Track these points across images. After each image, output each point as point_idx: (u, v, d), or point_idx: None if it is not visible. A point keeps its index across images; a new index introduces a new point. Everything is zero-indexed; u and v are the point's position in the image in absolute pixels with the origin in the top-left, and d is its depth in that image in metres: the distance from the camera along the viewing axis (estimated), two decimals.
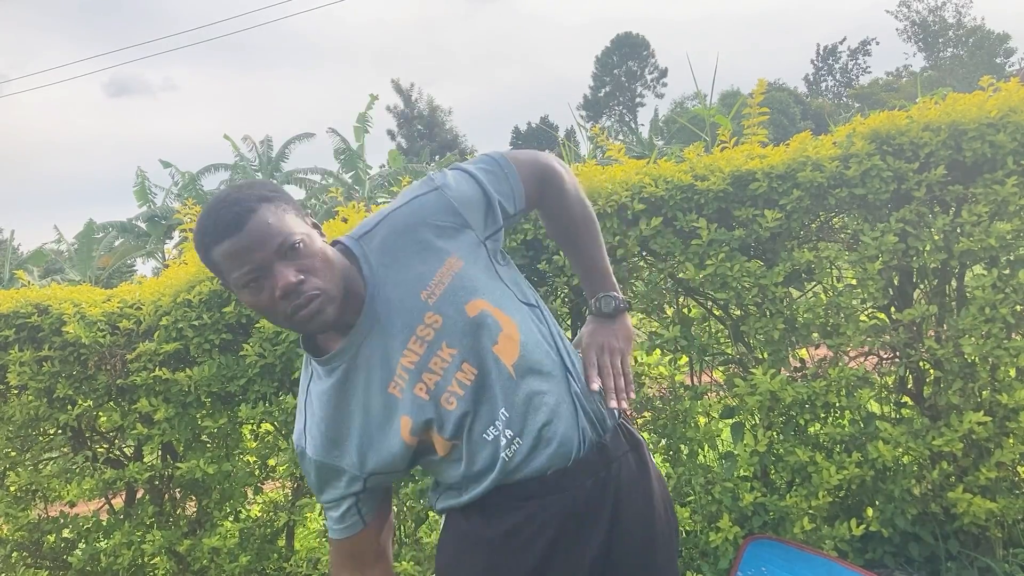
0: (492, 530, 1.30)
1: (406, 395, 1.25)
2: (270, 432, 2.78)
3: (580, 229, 1.47)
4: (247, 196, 1.18)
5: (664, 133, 28.67)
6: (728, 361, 2.65)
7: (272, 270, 1.15)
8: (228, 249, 1.15)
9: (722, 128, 3.02)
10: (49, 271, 24.52)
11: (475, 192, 1.32)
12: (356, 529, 1.35)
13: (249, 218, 1.15)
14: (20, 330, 2.62)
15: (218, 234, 1.16)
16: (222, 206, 1.17)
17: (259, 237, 1.15)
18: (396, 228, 1.29)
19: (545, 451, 1.27)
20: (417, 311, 1.24)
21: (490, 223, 1.33)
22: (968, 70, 39.81)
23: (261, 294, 1.17)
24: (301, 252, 1.17)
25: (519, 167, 1.38)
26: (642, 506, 1.37)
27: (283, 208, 1.20)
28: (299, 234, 1.18)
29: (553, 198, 1.44)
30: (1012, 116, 2.35)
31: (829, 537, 2.36)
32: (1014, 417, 2.37)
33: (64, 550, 2.79)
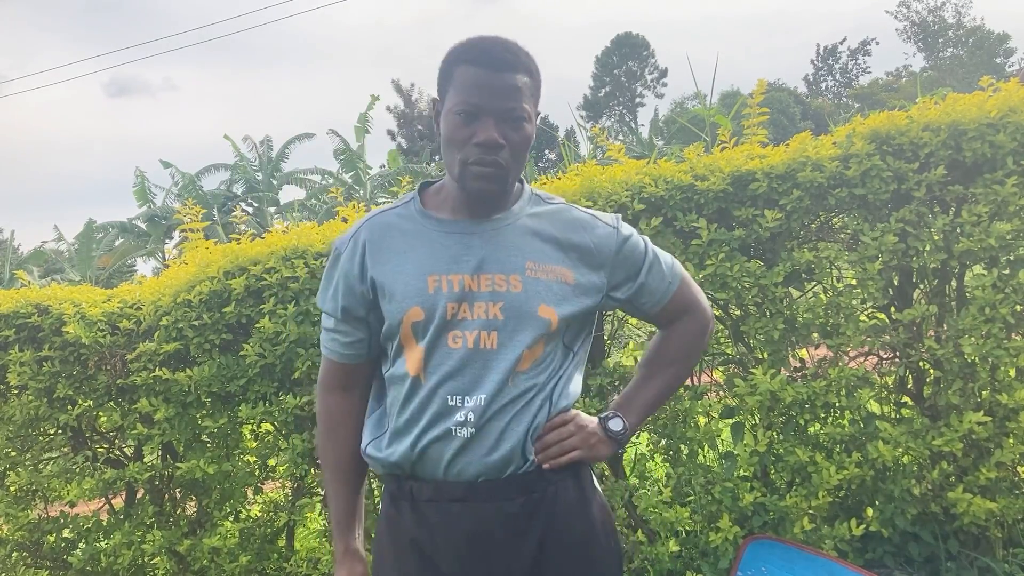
0: (420, 529, 1.31)
1: (435, 296, 1.27)
2: (270, 432, 2.78)
3: (672, 368, 1.49)
4: (524, 56, 1.27)
5: (664, 133, 28.66)
6: (728, 361, 2.65)
7: (489, 121, 1.23)
8: (477, 77, 1.23)
9: (722, 128, 3.02)
10: (49, 271, 24.52)
11: (638, 261, 1.39)
12: (360, 360, 1.40)
13: (513, 71, 1.24)
14: (20, 330, 2.62)
15: (480, 60, 1.24)
16: (502, 44, 1.26)
17: (505, 90, 1.23)
18: (563, 216, 1.37)
19: (481, 452, 1.27)
20: (513, 266, 1.29)
21: (621, 289, 1.39)
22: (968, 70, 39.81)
23: (464, 129, 1.24)
24: (518, 128, 1.26)
25: (682, 286, 1.44)
26: (580, 533, 1.35)
27: (533, 90, 1.29)
28: (528, 114, 1.27)
29: (681, 331, 1.47)
30: (1012, 116, 2.35)
31: (829, 537, 2.36)
32: (1014, 417, 2.37)
33: (64, 550, 2.79)
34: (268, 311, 2.47)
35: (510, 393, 1.27)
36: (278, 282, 2.49)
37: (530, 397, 1.29)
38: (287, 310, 2.46)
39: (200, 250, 2.75)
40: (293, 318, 2.45)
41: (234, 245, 2.66)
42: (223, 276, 2.55)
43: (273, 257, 2.54)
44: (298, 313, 2.45)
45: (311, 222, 3.00)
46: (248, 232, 3.06)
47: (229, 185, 25.45)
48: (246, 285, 2.51)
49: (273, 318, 2.46)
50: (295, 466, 2.52)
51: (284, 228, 2.88)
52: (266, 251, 2.57)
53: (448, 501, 1.29)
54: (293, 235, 2.64)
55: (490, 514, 1.28)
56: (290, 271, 2.49)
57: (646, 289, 1.40)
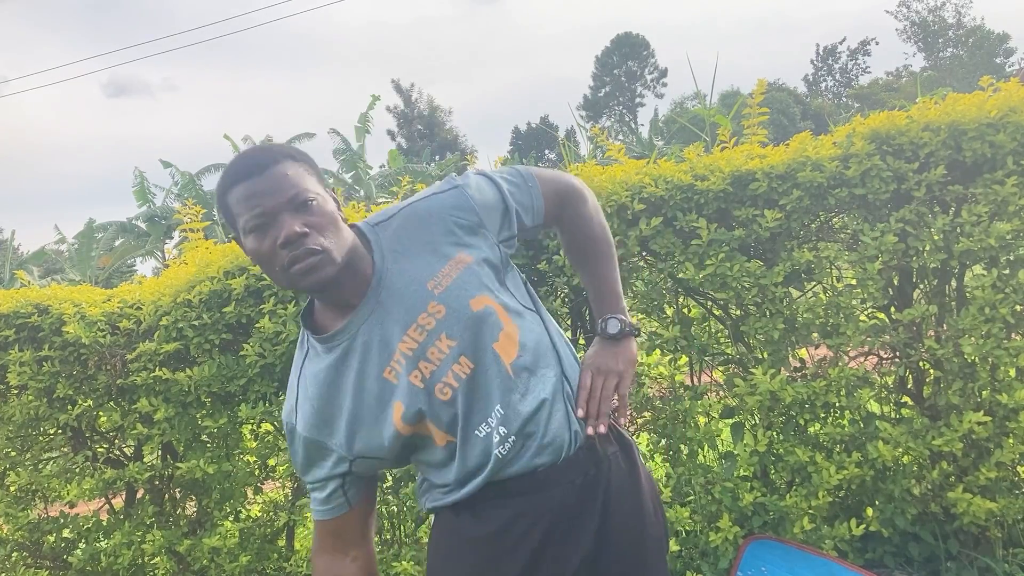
0: (482, 529, 1.31)
1: (402, 381, 1.26)
2: (270, 432, 2.78)
3: (595, 249, 1.50)
4: (275, 149, 1.25)
5: (664, 133, 28.67)
6: (728, 361, 2.65)
7: (279, 219, 1.19)
8: (243, 191, 1.20)
9: (722, 128, 3.02)
10: (49, 271, 24.53)
11: (495, 197, 1.36)
12: (341, 511, 1.36)
13: (270, 166, 1.20)
14: (20, 330, 2.61)
15: (237, 177, 1.21)
16: (249, 154, 1.24)
17: (274, 184, 1.19)
18: (412, 219, 1.32)
19: (536, 449, 1.28)
20: (421, 299, 1.26)
21: (505, 228, 1.37)
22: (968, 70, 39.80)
23: (264, 241, 1.20)
24: (312, 209, 1.21)
25: (542, 183, 1.43)
26: (632, 505, 1.37)
27: (305, 168, 1.25)
28: (313, 193, 1.22)
29: (572, 217, 1.47)
30: (1012, 116, 2.35)
31: (829, 537, 2.36)
32: (1014, 417, 2.37)
33: (64, 550, 2.79)
34: (268, 311, 2.47)
35: (519, 384, 1.28)
36: None
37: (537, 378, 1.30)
38: (287, 310, 2.46)
39: (200, 250, 2.75)
40: (293, 318, 2.45)
41: (234, 245, 2.66)
42: (223, 276, 2.55)
43: None
44: (298, 313, 2.45)
45: None
46: None
47: None
48: (246, 285, 2.51)
49: (273, 318, 2.47)
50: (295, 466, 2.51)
51: None
52: None
53: (510, 496, 1.30)
54: None
55: (552, 501, 1.30)
56: None
57: (521, 211, 1.39)
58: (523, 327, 1.31)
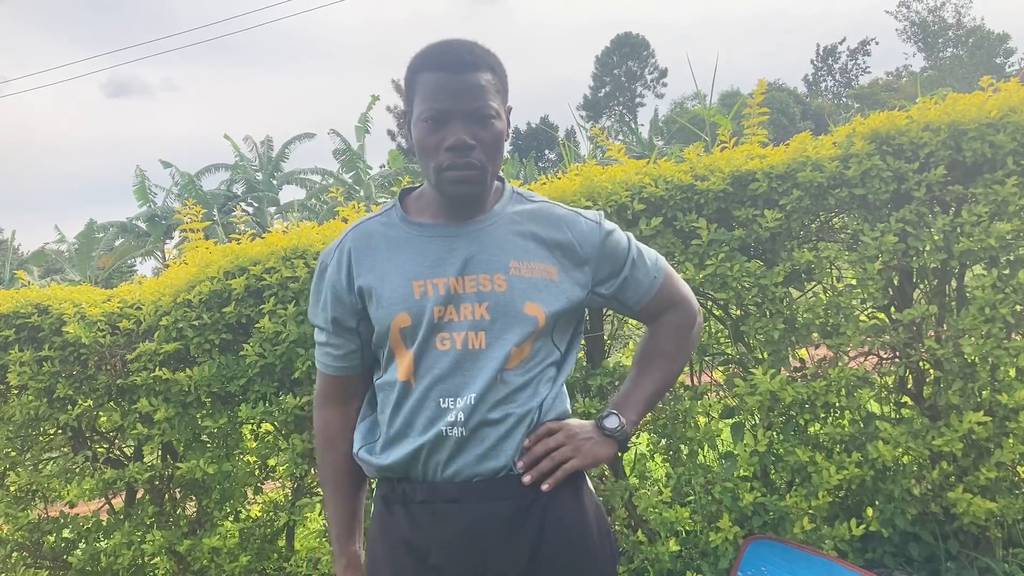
0: (416, 533, 1.30)
1: (422, 300, 1.27)
2: (270, 432, 2.78)
3: (664, 364, 1.47)
4: (483, 53, 1.26)
5: (664, 133, 28.65)
6: (728, 361, 2.65)
7: (456, 123, 1.22)
8: (439, 81, 1.23)
9: (722, 128, 3.02)
10: (49, 271, 24.53)
11: (621, 258, 1.39)
12: (354, 371, 1.40)
13: (475, 70, 1.23)
14: (20, 330, 2.62)
15: (441, 64, 1.23)
16: (459, 45, 1.25)
17: (468, 89, 1.22)
18: (544, 213, 1.37)
19: (478, 456, 1.27)
20: (499, 264, 1.29)
21: (605, 285, 1.39)
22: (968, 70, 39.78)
23: (433, 136, 1.23)
24: (488, 125, 1.24)
25: (666, 280, 1.44)
26: (574, 534, 1.34)
27: (498, 83, 1.28)
28: (496, 110, 1.25)
29: (667, 324, 1.47)
30: (1012, 116, 2.35)
31: (829, 537, 2.36)
32: (1014, 417, 2.37)
33: (64, 550, 2.79)
34: (268, 311, 2.47)
35: (500, 391, 1.27)
36: (278, 282, 2.49)
37: (521, 397, 1.29)
38: (287, 310, 2.46)
39: (200, 250, 2.75)
40: (293, 318, 2.45)
41: (234, 245, 2.66)
42: (223, 276, 2.55)
43: (273, 257, 2.54)
44: (298, 313, 2.45)
45: (311, 222, 3.00)
46: (248, 232, 3.06)
47: (229, 185, 25.45)
48: (246, 285, 2.51)
49: (273, 318, 2.46)
50: (295, 466, 2.52)
51: (284, 228, 2.88)
52: (266, 251, 2.57)
53: (442, 502, 1.29)
54: (293, 235, 2.64)
55: (484, 514, 1.28)
56: (290, 271, 2.49)
57: (630, 284, 1.40)
58: (538, 353, 1.32)
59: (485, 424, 1.27)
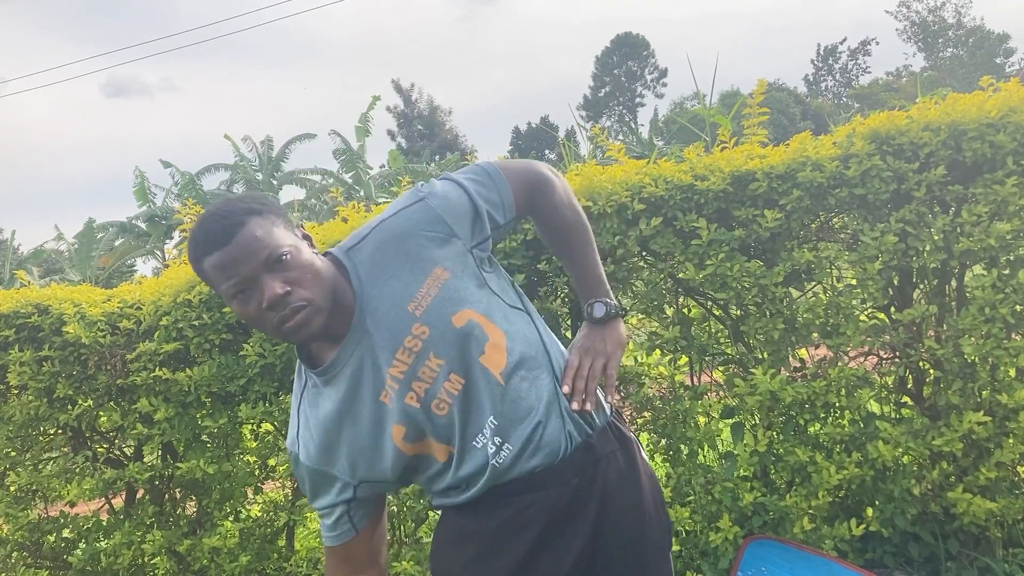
0: (482, 524, 1.33)
1: (396, 404, 1.27)
2: (270, 432, 2.78)
3: (572, 236, 1.47)
4: (236, 209, 1.22)
5: (664, 133, 28.65)
6: (728, 361, 2.65)
7: (259, 282, 1.19)
8: (216, 261, 1.19)
9: (722, 128, 3.02)
10: (49, 271, 24.53)
11: (462, 202, 1.34)
12: (348, 536, 1.38)
13: (237, 231, 1.19)
14: (20, 330, 2.62)
15: (207, 247, 1.19)
16: (212, 219, 1.21)
17: (246, 250, 1.18)
18: (384, 240, 1.31)
19: (534, 454, 1.30)
20: (404, 322, 1.26)
21: (477, 232, 1.34)
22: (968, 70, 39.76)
23: (249, 305, 1.20)
24: (288, 264, 1.20)
25: (509, 176, 1.39)
26: (630, 503, 1.38)
27: (271, 220, 1.23)
28: (287, 246, 1.21)
29: (544, 206, 1.44)
30: (1012, 116, 2.35)
31: (829, 537, 2.36)
32: (1014, 417, 2.37)
33: (64, 550, 2.79)
34: None
35: (508, 391, 1.28)
36: None
37: (525, 383, 1.30)
38: None
39: None
40: None
41: None
42: None
43: None
44: None
45: (311, 222, 3.00)
46: None
47: (229, 185, 25.44)
48: None
49: None
50: None
51: None
52: None
53: (511, 495, 1.32)
54: None
55: (551, 498, 1.31)
56: None
57: (490, 211, 1.35)
58: (511, 332, 1.31)
59: (520, 426, 1.29)
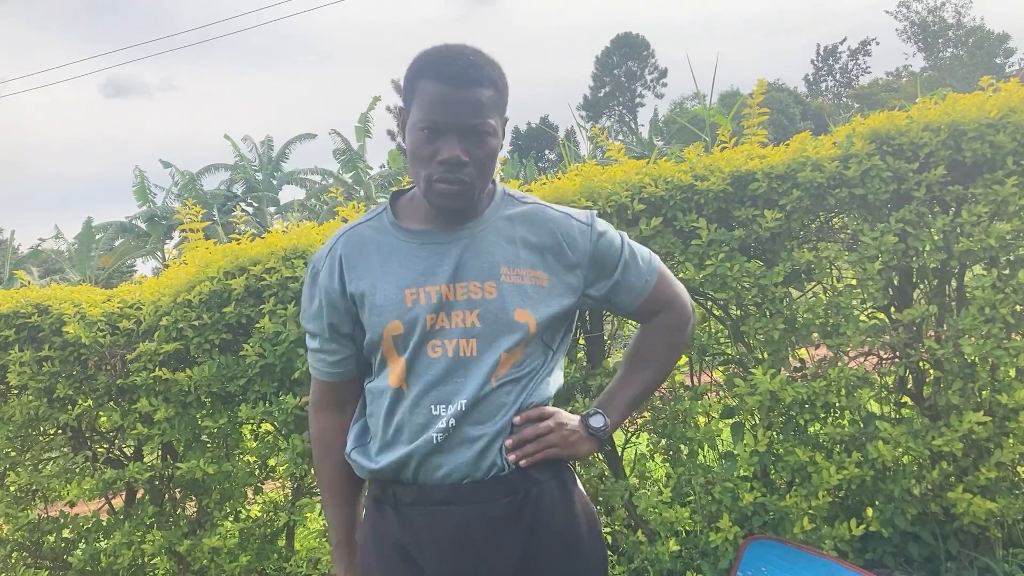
0: (406, 533, 1.31)
1: (411, 309, 1.27)
2: (270, 432, 2.78)
3: (653, 364, 1.48)
4: (486, 67, 1.24)
5: (664, 133, 28.64)
6: (728, 361, 2.65)
7: (452, 136, 1.22)
8: (439, 93, 1.21)
9: (722, 128, 3.02)
10: (49, 271, 24.52)
11: (612, 260, 1.38)
12: (349, 376, 1.41)
13: (476, 85, 1.22)
14: (20, 330, 2.62)
15: (443, 75, 1.22)
16: (463, 56, 1.23)
17: (467, 105, 1.21)
18: (535, 216, 1.35)
19: (465, 456, 1.27)
20: (489, 272, 1.29)
21: (596, 288, 1.38)
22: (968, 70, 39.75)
23: (428, 146, 1.23)
24: (483, 142, 1.24)
25: (660, 281, 1.42)
26: (563, 533, 1.34)
27: (497, 101, 1.27)
28: (492, 127, 1.25)
29: (659, 324, 1.46)
30: (1012, 116, 2.35)
31: (829, 537, 2.36)
32: (1014, 417, 2.37)
33: (64, 550, 2.79)
34: (268, 311, 2.47)
35: (490, 396, 1.28)
36: (278, 282, 2.49)
37: (509, 400, 1.30)
38: (287, 310, 2.46)
39: (200, 250, 2.75)
40: (293, 318, 2.45)
41: (234, 245, 2.66)
42: (223, 276, 2.55)
43: (273, 257, 2.54)
44: (298, 313, 2.44)
45: (311, 222, 3.00)
46: (248, 232, 3.06)
47: (229, 185, 25.45)
48: (246, 285, 2.51)
49: (273, 318, 2.46)
50: (295, 466, 2.52)
51: (284, 228, 2.88)
52: (266, 251, 2.57)
53: (432, 504, 1.29)
54: (293, 235, 2.65)
55: (474, 516, 1.28)
56: (290, 271, 2.49)
57: (622, 286, 1.39)
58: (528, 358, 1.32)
59: (475, 429, 1.27)
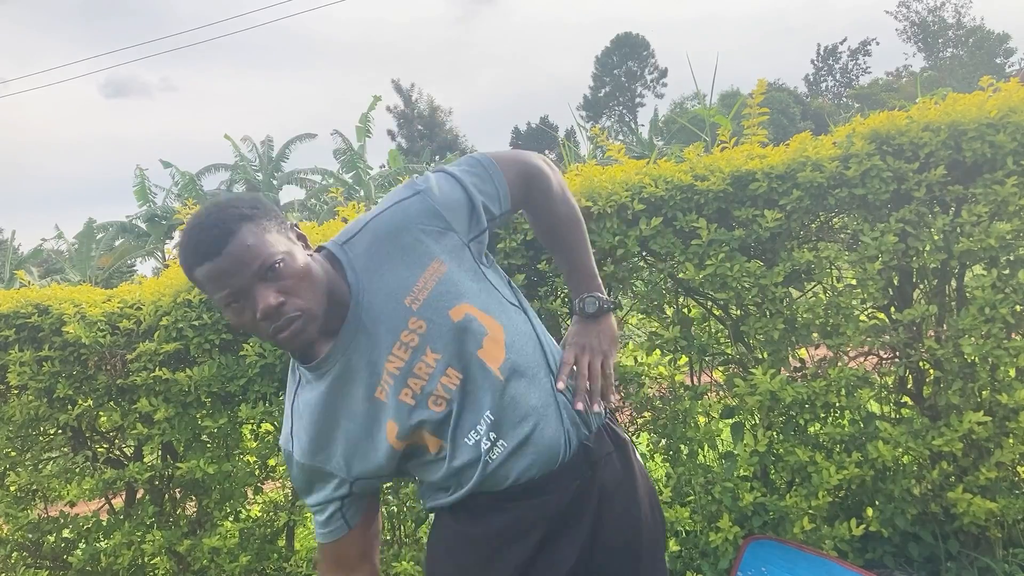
0: (480, 530, 1.32)
1: (391, 400, 1.26)
2: (270, 432, 2.77)
3: (565, 229, 1.46)
4: (227, 216, 1.18)
5: (664, 133, 28.63)
6: (728, 361, 2.65)
7: (252, 293, 1.16)
8: (208, 272, 1.16)
9: (722, 128, 3.02)
10: (49, 271, 24.52)
11: (458, 194, 1.32)
12: (340, 533, 1.36)
13: (228, 241, 1.15)
14: (20, 330, 2.61)
15: (198, 257, 1.17)
16: (202, 229, 1.17)
17: (238, 260, 1.15)
18: (379, 233, 1.29)
19: (529, 454, 1.28)
20: (401, 317, 1.25)
21: (474, 225, 1.32)
22: (968, 70, 39.75)
23: (243, 315, 1.18)
24: (281, 272, 1.17)
25: (504, 168, 1.37)
26: (627, 506, 1.38)
27: (263, 226, 1.20)
28: (280, 253, 1.18)
29: (538, 198, 1.42)
30: (1012, 116, 2.35)
31: (829, 537, 2.36)
32: (1014, 417, 2.37)
33: (64, 550, 2.78)
34: None
35: (508, 388, 1.27)
36: None
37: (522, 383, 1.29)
38: None
39: None
40: None
41: None
42: None
43: None
44: None
45: (311, 222, 3.00)
46: None
47: (229, 185, 25.44)
48: None
49: None
50: None
51: None
52: None
53: (508, 502, 1.31)
54: None
55: (551, 505, 1.30)
56: None
57: (486, 205, 1.34)
58: (508, 326, 1.30)
59: (520, 426, 1.28)
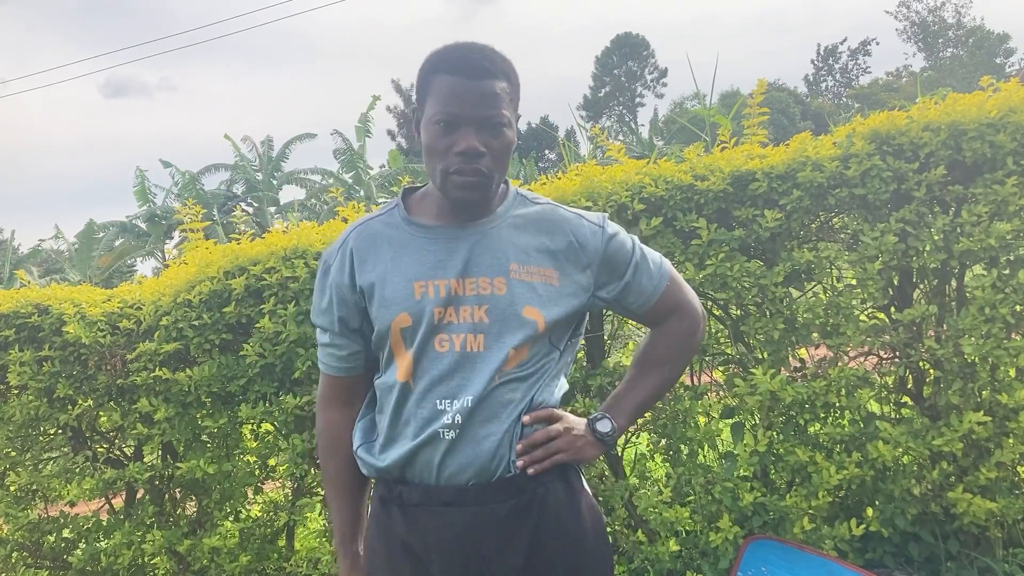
0: (414, 534, 1.31)
1: (424, 302, 1.28)
2: (270, 432, 2.78)
3: (661, 369, 1.47)
4: (500, 61, 1.27)
5: (664, 133, 28.63)
6: (728, 361, 2.65)
7: (469, 129, 1.23)
8: (455, 86, 1.23)
9: (722, 128, 3.02)
10: (49, 271, 24.53)
11: (624, 262, 1.39)
12: (357, 371, 1.41)
13: (490, 77, 1.24)
14: (20, 330, 2.62)
15: (458, 68, 1.24)
16: (477, 50, 1.26)
17: (484, 97, 1.23)
18: (547, 216, 1.37)
19: (470, 455, 1.27)
20: (497, 269, 1.29)
21: (606, 289, 1.39)
22: (968, 70, 39.75)
23: (443, 139, 1.24)
24: (499, 133, 1.26)
25: (671, 286, 1.43)
26: (568, 533, 1.34)
27: (511, 94, 1.29)
28: (507, 119, 1.27)
29: (669, 330, 1.46)
30: (1012, 116, 2.35)
31: (829, 537, 2.36)
32: (1014, 417, 2.37)
33: (64, 550, 2.79)
34: (268, 311, 2.47)
35: (496, 393, 1.28)
36: (278, 282, 2.50)
37: (516, 397, 1.29)
38: (287, 310, 2.46)
39: (200, 250, 2.75)
40: (293, 318, 2.45)
41: (234, 245, 2.66)
42: (223, 276, 2.55)
43: (273, 257, 2.54)
44: (298, 313, 2.45)
45: (311, 222, 3.00)
46: (248, 232, 3.07)
47: (229, 185, 25.46)
48: (246, 285, 2.51)
49: (273, 318, 2.46)
50: (295, 466, 2.52)
51: (284, 228, 2.88)
52: (266, 251, 2.57)
53: (438, 505, 1.29)
54: (293, 235, 2.64)
55: (480, 517, 1.28)
56: (290, 271, 2.49)
57: (633, 288, 1.40)
58: (534, 357, 1.31)
59: (481, 426, 1.27)
